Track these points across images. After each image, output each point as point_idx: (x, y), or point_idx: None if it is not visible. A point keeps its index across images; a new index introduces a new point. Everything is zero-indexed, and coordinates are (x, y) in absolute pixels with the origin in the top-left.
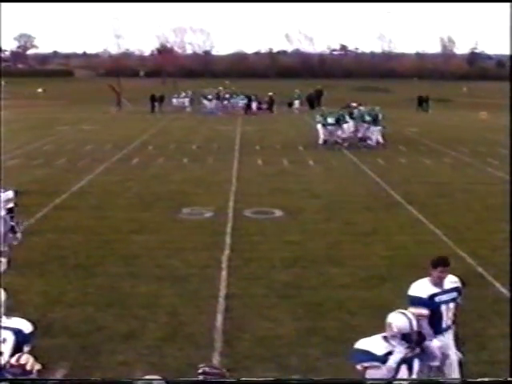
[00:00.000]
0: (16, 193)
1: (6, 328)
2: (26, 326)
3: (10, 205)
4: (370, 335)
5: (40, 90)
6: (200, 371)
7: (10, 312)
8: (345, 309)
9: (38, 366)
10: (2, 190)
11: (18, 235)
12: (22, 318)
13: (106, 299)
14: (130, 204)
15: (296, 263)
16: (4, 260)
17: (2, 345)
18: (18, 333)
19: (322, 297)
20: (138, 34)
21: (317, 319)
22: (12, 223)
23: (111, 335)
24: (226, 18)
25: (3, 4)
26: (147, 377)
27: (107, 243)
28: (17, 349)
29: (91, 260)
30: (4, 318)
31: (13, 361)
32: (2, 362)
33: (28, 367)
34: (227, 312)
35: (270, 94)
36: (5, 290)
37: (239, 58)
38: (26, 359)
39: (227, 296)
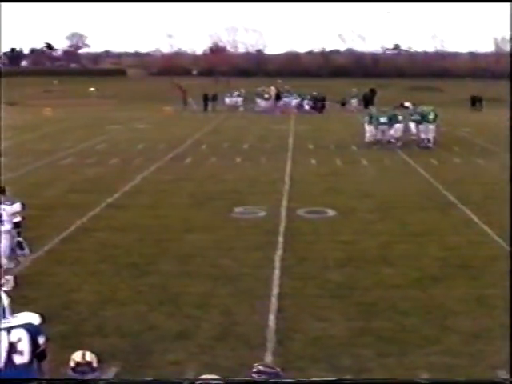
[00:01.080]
0: (23, 206)
1: (16, 327)
2: (34, 319)
3: (18, 219)
4: (422, 336)
5: (92, 88)
6: (254, 370)
7: (63, 310)
8: (397, 309)
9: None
10: (8, 203)
11: (26, 251)
12: (73, 316)
13: (158, 298)
14: (182, 203)
15: (349, 263)
16: (10, 278)
17: (19, 344)
18: (29, 328)
19: (374, 297)
20: (190, 33)
21: (369, 319)
22: (19, 239)
23: (163, 334)
24: (279, 18)
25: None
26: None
27: (160, 242)
28: (32, 344)
29: (144, 259)
30: (10, 318)
31: (78, 358)
32: (25, 360)
33: (95, 364)
34: (280, 312)
35: (315, 93)
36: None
37: (292, 58)
38: (91, 356)
39: (280, 296)
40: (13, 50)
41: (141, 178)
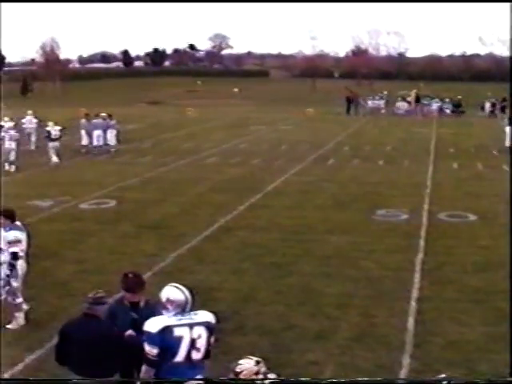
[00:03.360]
0: (28, 232)
1: (198, 324)
2: (212, 318)
3: (14, 249)
4: None
5: (236, 89)
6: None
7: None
8: None
9: None
10: (6, 228)
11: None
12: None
13: (298, 298)
14: (324, 204)
15: (488, 268)
16: (21, 315)
17: (199, 340)
18: (208, 326)
19: None
20: (332, 35)
21: (507, 325)
22: (7, 272)
23: (303, 334)
24: (421, 21)
25: (198, 4)
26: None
27: (302, 242)
28: (208, 342)
29: (285, 259)
30: (192, 315)
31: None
32: (200, 357)
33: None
34: (419, 315)
35: (457, 97)
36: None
37: (433, 61)
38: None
39: (419, 299)
40: (156, 50)
41: (283, 179)
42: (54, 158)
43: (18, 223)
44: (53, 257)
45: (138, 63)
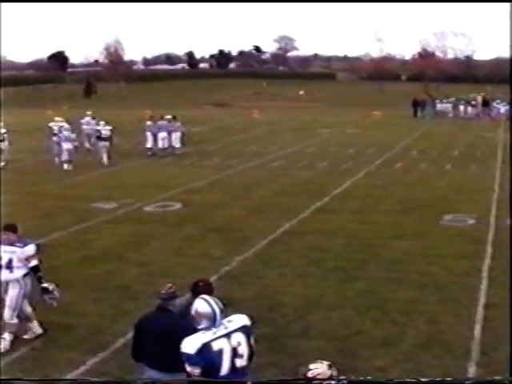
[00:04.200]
0: (38, 248)
1: (234, 331)
2: (246, 320)
3: (34, 262)
4: None
5: (301, 92)
6: None
7: (269, 312)
8: None
9: None
10: (19, 245)
11: (56, 294)
12: (279, 318)
13: (365, 303)
14: (392, 209)
15: None
16: (8, 337)
17: (239, 348)
18: (244, 330)
19: None
20: (399, 37)
21: None
22: (43, 285)
23: (369, 340)
24: (488, 23)
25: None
26: None
27: (369, 247)
28: (249, 346)
29: (352, 263)
30: (226, 323)
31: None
32: (245, 363)
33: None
34: (486, 322)
35: None
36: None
37: (501, 64)
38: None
39: (486, 305)
40: (221, 51)
41: (350, 183)
42: (105, 158)
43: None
44: (117, 260)
45: (202, 65)
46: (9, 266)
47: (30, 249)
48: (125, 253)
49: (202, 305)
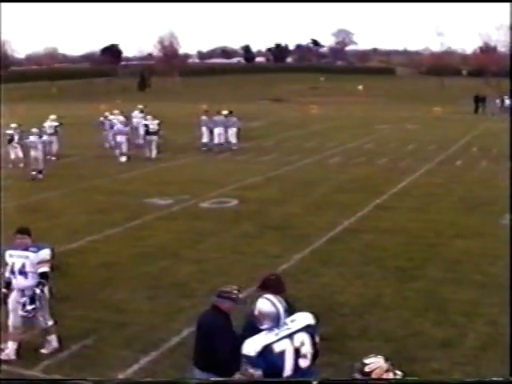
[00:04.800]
0: (53, 252)
1: (297, 331)
2: (310, 318)
3: (44, 268)
4: None
5: (360, 87)
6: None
7: (327, 312)
8: None
9: None
10: (34, 249)
11: (37, 304)
12: (337, 318)
13: (424, 304)
14: (452, 207)
15: None
16: (53, 338)
17: (303, 348)
18: (308, 330)
19: None
20: (460, 31)
21: None
22: (37, 291)
23: (427, 341)
24: None
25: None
26: None
27: (429, 247)
28: (313, 345)
29: (411, 263)
30: (289, 323)
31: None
32: (309, 363)
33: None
34: None
35: None
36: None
37: None
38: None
39: None
40: (278, 45)
41: (409, 180)
42: (153, 153)
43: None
44: (171, 256)
45: (259, 59)
46: (22, 271)
47: (46, 253)
48: (180, 250)
49: (265, 304)
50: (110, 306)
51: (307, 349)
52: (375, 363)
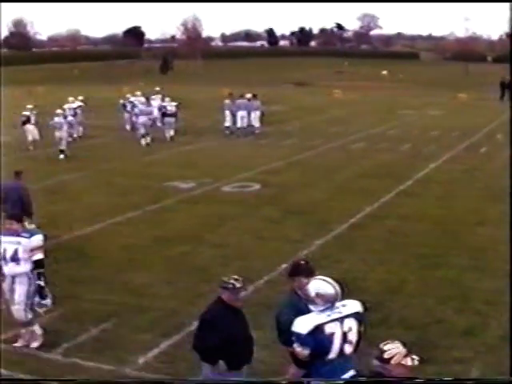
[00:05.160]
0: (45, 238)
1: (348, 316)
2: (359, 307)
3: (39, 256)
4: None
5: (384, 72)
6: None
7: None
8: None
9: None
10: (26, 235)
11: (48, 301)
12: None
13: (447, 292)
14: (475, 195)
15: None
16: (36, 329)
17: (350, 333)
18: (357, 317)
19: None
20: (486, 17)
21: None
22: (40, 282)
23: (450, 330)
24: None
25: None
26: None
27: (451, 234)
28: (359, 333)
29: (434, 250)
30: (341, 307)
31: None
32: (351, 350)
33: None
34: None
35: None
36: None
37: None
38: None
39: None
40: (302, 29)
41: (433, 167)
42: (169, 134)
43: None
44: (192, 240)
45: (283, 42)
46: (14, 258)
47: (38, 238)
48: (201, 234)
49: (324, 286)
50: (131, 289)
51: (353, 335)
52: (394, 349)
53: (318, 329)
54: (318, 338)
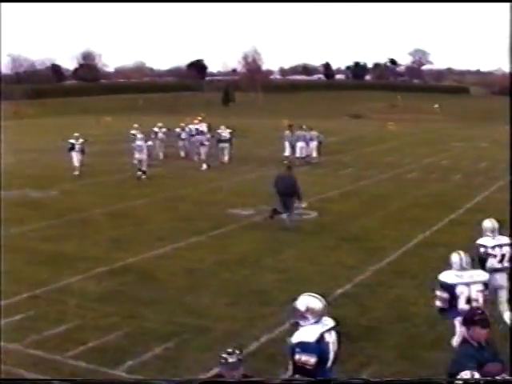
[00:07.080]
0: None
1: (332, 328)
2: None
3: None
4: None
5: (436, 105)
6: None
7: (400, 322)
8: None
9: None
10: None
11: None
12: (411, 328)
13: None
14: None
15: None
16: None
17: (333, 344)
18: (337, 329)
19: None
20: None
21: None
22: None
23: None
24: None
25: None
26: None
27: None
28: (338, 342)
29: None
30: (324, 320)
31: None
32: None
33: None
34: None
35: None
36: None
37: None
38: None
39: None
40: (357, 64)
41: (484, 196)
42: (225, 158)
43: None
44: (253, 265)
45: (338, 76)
46: None
47: None
48: (261, 259)
49: (313, 301)
50: (193, 311)
51: (335, 346)
52: None
53: (322, 336)
54: (323, 346)
